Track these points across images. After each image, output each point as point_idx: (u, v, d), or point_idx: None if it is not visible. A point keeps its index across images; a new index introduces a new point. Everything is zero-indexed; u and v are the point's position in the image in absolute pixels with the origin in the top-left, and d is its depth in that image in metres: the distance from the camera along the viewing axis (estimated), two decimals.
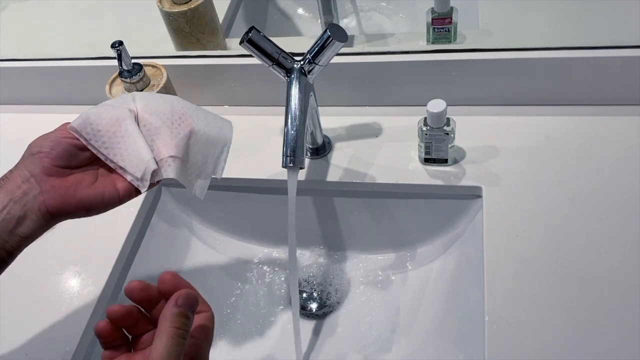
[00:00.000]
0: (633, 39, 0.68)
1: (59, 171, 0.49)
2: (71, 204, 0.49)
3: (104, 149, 0.51)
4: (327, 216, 0.78)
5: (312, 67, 0.62)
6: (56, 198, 0.49)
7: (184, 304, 0.41)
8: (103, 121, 0.50)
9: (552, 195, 0.65)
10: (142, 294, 0.44)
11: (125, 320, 0.44)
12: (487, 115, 0.75)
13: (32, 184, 0.48)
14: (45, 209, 0.48)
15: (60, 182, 0.49)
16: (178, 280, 0.45)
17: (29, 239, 0.49)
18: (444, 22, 0.72)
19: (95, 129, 0.50)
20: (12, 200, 0.47)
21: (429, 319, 0.70)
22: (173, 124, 0.52)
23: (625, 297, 0.56)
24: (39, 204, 0.48)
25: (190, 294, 0.42)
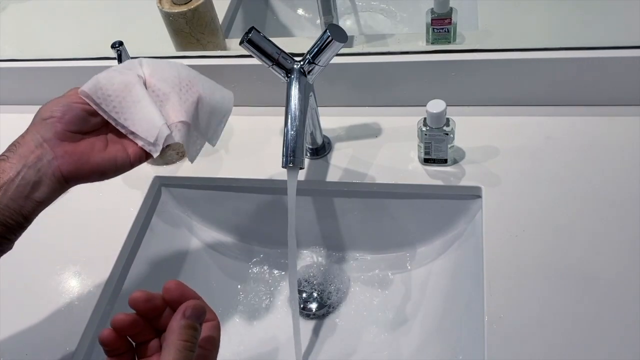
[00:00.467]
0: (633, 39, 0.68)
1: (71, 136, 0.50)
2: (86, 169, 0.50)
3: (114, 113, 0.51)
4: (327, 216, 0.79)
5: (312, 67, 0.62)
6: (71, 163, 0.49)
7: (192, 315, 0.41)
8: (113, 86, 0.51)
9: (551, 196, 0.65)
10: (147, 304, 0.43)
11: (130, 329, 0.43)
12: (486, 116, 0.75)
13: (45, 149, 0.48)
14: (59, 173, 0.49)
15: (74, 147, 0.50)
16: (183, 289, 0.44)
17: (44, 204, 0.49)
18: (444, 22, 0.72)
19: (105, 93, 0.51)
20: (26, 166, 0.48)
21: (428, 319, 0.70)
22: (181, 90, 0.53)
23: (625, 297, 0.56)
24: (53, 169, 0.48)
25: (198, 305, 0.42)
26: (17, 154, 0.48)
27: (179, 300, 0.42)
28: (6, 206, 0.47)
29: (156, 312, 0.44)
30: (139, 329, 0.44)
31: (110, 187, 0.77)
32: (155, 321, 0.45)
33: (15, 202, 0.47)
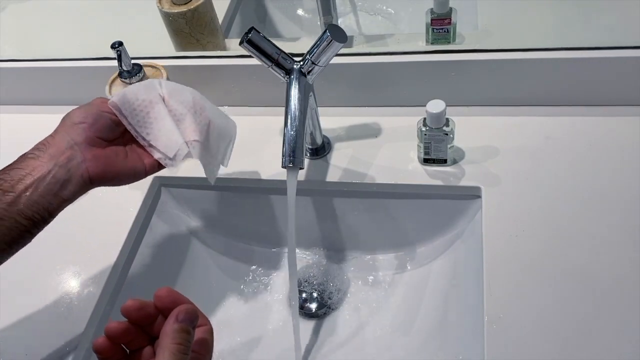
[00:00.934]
0: (632, 39, 0.68)
1: (99, 142, 0.54)
2: (110, 173, 0.54)
3: (138, 126, 0.56)
4: (327, 216, 0.79)
5: (312, 67, 0.62)
6: (98, 167, 0.53)
7: (185, 319, 0.41)
8: (138, 101, 0.56)
9: (551, 196, 0.65)
10: (140, 313, 0.44)
11: (124, 337, 0.44)
12: (486, 116, 0.75)
13: (75, 151, 0.52)
14: (87, 175, 0.53)
15: (101, 152, 0.54)
16: (175, 295, 0.45)
17: (68, 201, 0.52)
18: (443, 22, 0.72)
19: (131, 107, 0.56)
20: (57, 165, 0.51)
21: (428, 319, 0.70)
22: (195, 113, 0.59)
23: (625, 296, 0.56)
24: (82, 170, 0.52)
25: (190, 309, 0.42)
26: (47, 154, 0.51)
27: (170, 307, 0.43)
28: (35, 202, 0.50)
29: (149, 319, 0.45)
30: (132, 337, 0.44)
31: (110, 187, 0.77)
32: (148, 328, 0.45)
33: (44, 198, 0.50)
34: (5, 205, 0.48)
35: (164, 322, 0.42)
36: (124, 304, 0.43)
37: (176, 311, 0.41)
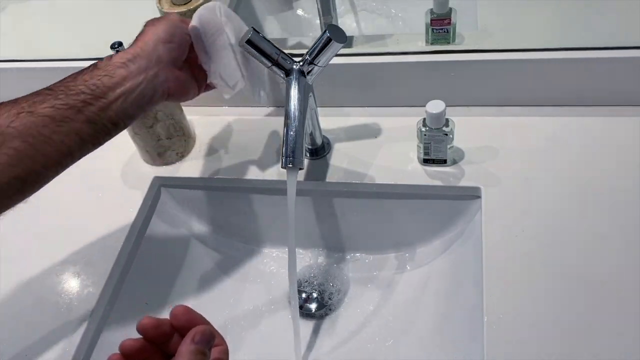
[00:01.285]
0: (632, 39, 0.68)
1: (178, 63, 0.58)
2: (182, 93, 0.59)
3: (206, 52, 0.60)
4: (327, 217, 0.79)
5: (312, 68, 0.62)
6: (177, 87, 0.58)
7: (201, 340, 0.41)
8: (210, 30, 0.60)
9: (551, 196, 0.65)
10: (156, 331, 0.43)
11: (139, 354, 0.43)
12: (486, 116, 0.75)
13: (162, 69, 0.55)
14: (167, 93, 0.57)
15: (179, 74, 0.58)
16: (191, 314, 0.44)
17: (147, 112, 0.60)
18: (443, 23, 0.72)
19: (205, 33, 0.59)
20: (146, 80, 0.54)
21: (428, 319, 0.70)
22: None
23: (625, 296, 0.56)
24: (164, 88, 0.56)
25: (207, 330, 0.42)
26: (136, 66, 0.54)
27: (187, 326, 0.42)
28: (123, 110, 0.53)
29: (164, 337, 0.44)
30: (148, 354, 0.44)
31: (110, 187, 0.77)
32: (163, 346, 0.44)
33: (130, 108, 0.54)
34: (97, 110, 0.51)
35: (179, 340, 0.42)
36: (141, 321, 0.43)
37: (193, 332, 0.41)
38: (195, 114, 0.84)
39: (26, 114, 0.48)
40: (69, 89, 0.51)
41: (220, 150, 0.80)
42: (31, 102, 0.49)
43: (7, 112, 0.48)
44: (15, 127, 0.48)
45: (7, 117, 0.48)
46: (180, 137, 0.78)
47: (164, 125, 0.75)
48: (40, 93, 0.50)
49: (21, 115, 0.48)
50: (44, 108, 0.49)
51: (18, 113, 0.48)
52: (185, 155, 0.80)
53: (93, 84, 0.52)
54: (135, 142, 0.77)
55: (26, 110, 0.48)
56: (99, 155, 0.81)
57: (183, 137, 0.79)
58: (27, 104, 0.49)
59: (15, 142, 0.47)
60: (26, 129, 0.48)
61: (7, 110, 0.49)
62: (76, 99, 0.51)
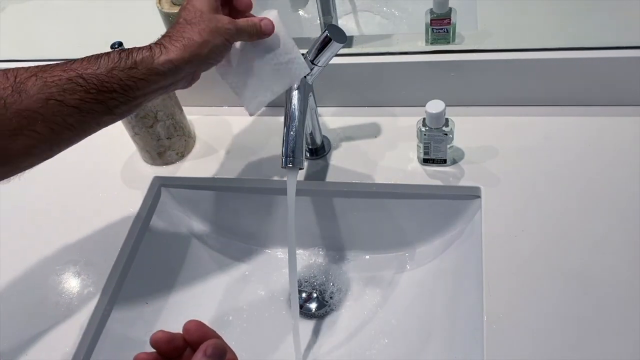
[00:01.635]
0: (631, 39, 0.68)
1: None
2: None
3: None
4: (327, 216, 0.79)
5: (312, 67, 0.62)
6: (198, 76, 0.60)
7: (213, 354, 0.41)
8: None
9: (550, 196, 0.65)
10: (169, 345, 0.44)
11: None
12: (485, 116, 0.75)
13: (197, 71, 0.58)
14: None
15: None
16: (204, 329, 0.44)
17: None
18: (443, 22, 0.72)
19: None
20: (178, 83, 0.56)
21: (428, 318, 0.70)
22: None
23: (624, 296, 0.56)
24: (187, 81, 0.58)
25: (219, 343, 0.42)
26: (176, 75, 0.54)
27: (199, 341, 0.43)
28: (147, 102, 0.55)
29: (177, 352, 0.44)
30: None
31: (110, 187, 0.77)
32: None
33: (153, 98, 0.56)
34: (125, 107, 0.53)
35: (191, 354, 0.42)
36: (154, 334, 0.43)
37: (204, 345, 0.41)
38: (196, 113, 0.84)
39: (55, 102, 0.49)
40: (102, 85, 0.50)
41: (220, 150, 0.80)
42: (61, 89, 0.49)
43: (38, 92, 0.48)
44: (43, 113, 0.48)
45: (37, 100, 0.48)
46: (181, 136, 0.78)
47: (164, 125, 0.75)
48: (72, 80, 0.50)
49: (50, 103, 0.48)
50: (74, 99, 0.49)
51: (47, 99, 0.48)
52: (185, 155, 0.80)
53: (127, 86, 0.51)
54: (136, 142, 0.77)
55: (55, 98, 0.49)
56: (99, 155, 0.82)
57: (183, 137, 0.79)
58: (57, 91, 0.49)
59: (40, 126, 0.48)
60: (53, 116, 0.49)
61: (38, 91, 0.48)
62: (108, 96, 0.51)
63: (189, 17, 0.55)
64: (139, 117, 0.73)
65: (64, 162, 0.82)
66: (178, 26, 0.54)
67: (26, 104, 0.48)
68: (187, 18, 0.55)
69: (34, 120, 0.48)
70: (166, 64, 0.52)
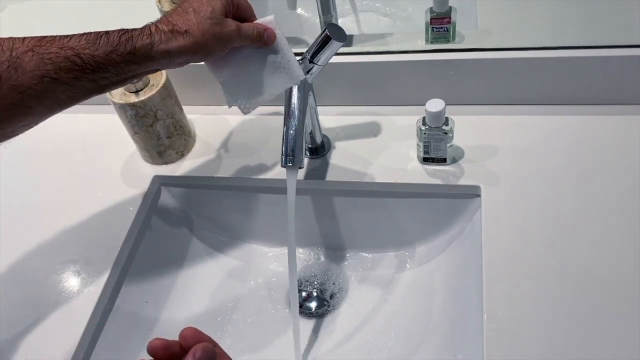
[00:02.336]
0: (631, 38, 0.68)
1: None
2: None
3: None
4: (327, 216, 0.79)
5: (311, 66, 0.62)
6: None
7: (202, 356, 0.41)
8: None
9: (550, 195, 0.65)
10: (165, 352, 0.44)
11: None
12: (485, 115, 0.75)
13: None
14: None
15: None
16: (200, 336, 0.44)
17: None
18: (443, 21, 0.72)
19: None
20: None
21: (427, 317, 0.70)
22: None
23: (624, 295, 0.56)
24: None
25: (208, 346, 0.42)
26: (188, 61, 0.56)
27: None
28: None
29: (174, 358, 0.44)
30: None
31: (110, 186, 0.78)
32: None
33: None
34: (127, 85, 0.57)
35: None
36: (151, 342, 0.43)
37: (193, 350, 0.41)
38: (195, 112, 0.84)
39: (50, 80, 0.49)
40: (97, 66, 0.50)
41: (220, 149, 0.80)
42: (57, 67, 0.49)
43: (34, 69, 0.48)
44: (37, 89, 0.48)
45: (32, 77, 0.48)
46: (180, 136, 0.78)
47: (164, 124, 0.75)
48: (69, 59, 0.49)
49: (45, 80, 0.49)
50: (69, 77, 0.50)
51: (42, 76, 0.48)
52: (185, 154, 0.80)
53: (122, 69, 0.52)
54: (135, 141, 0.77)
55: (51, 76, 0.49)
56: (99, 154, 0.82)
57: (183, 136, 0.79)
58: (53, 69, 0.49)
59: (32, 102, 0.49)
60: (45, 92, 0.49)
61: (34, 67, 0.48)
62: (101, 76, 0.51)
63: (199, 9, 0.54)
64: (139, 116, 0.73)
65: (65, 161, 0.83)
66: (185, 15, 0.54)
67: (21, 80, 0.48)
68: (196, 9, 0.54)
69: (28, 96, 0.48)
70: (163, 54, 0.52)
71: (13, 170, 0.83)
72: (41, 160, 0.84)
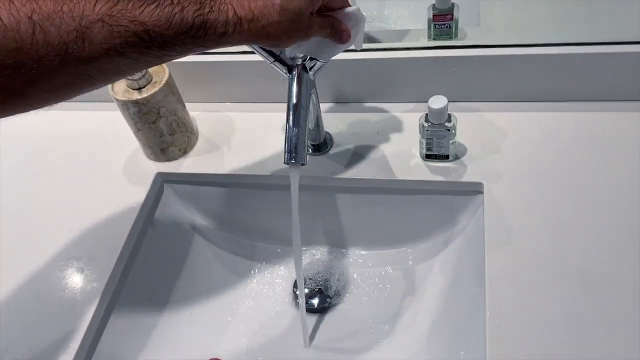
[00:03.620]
0: (633, 35, 0.68)
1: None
2: None
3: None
4: (329, 212, 0.79)
5: (314, 63, 0.62)
6: None
7: None
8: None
9: (552, 191, 0.65)
10: None
11: None
12: (488, 112, 0.75)
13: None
14: None
15: None
16: None
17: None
18: (445, 18, 0.72)
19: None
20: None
21: (430, 314, 0.71)
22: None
23: (627, 292, 0.56)
24: None
25: None
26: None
27: None
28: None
29: None
30: None
31: (113, 183, 0.78)
32: None
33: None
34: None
35: None
36: None
37: None
38: (198, 110, 0.84)
39: (116, 53, 0.46)
40: (165, 45, 0.47)
41: (223, 146, 0.80)
42: (124, 42, 0.46)
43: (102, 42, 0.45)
44: (102, 62, 0.46)
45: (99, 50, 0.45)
46: (183, 133, 0.78)
47: (167, 122, 0.75)
48: (138, 35, 0.46)
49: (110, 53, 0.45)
50: (134, 52, 0.46)
51: (108, 50, 0.45)
52: (188, 151, 0.80)
53: (187, 49, 0.48)
54: (138, 138, 0.77)
55: (117, 50, 0.45)
56: (102, 151, 0.82)
57: (186, 133, 0.79)
58: (120, 43, 0.45)
59: (94, 73, 0.46)
60: (109, 65, 0.46)
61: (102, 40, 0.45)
62: (166, 53, 0.48)
63: (286, 4, 0.49)
64: (142, 113, 0.73)
65: (68, 158, 0.83)
66: (270, 8, 0.49)
67: (88, 52, 0.45)
68: (283, 4, 0.49)
69: (92, 67, 0.46)
70: (233, 43, 0.50)
71: (16, 167, 0.84)
72: (44, 157, 0.84)
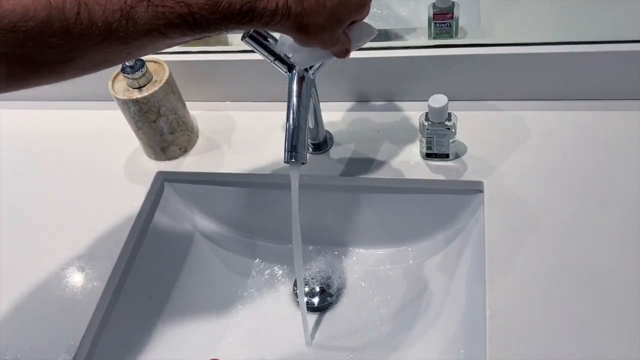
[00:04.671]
0: (633, 33, 0.68)
1: None
2: None
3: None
4: (329, 211, 0.79)
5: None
6: None
7: None
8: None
9: (553, 190, 0.65)
10: None
11: None
12: (488, 110, 0.75)
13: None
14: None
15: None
16: None
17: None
18: (446, 17, 0.72)
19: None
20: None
21: (430, 313, 0.71)
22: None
23: (627, 291, 0.56)
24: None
25: None
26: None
27: None
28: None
29: None
30: None
31: (113, 182, 0.78)
32: None
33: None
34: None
35: None
36: None
37: None
38: (198, 109, 0.84)
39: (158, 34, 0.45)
40: (208, 28, 0.47)
41: (223, 145, 0.80)
42: (168, 23, 0.44)
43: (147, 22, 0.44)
44: (144, 42, 0.45)
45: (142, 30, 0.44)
46: (184, 131, 0.78)
47: (167, 120, 0.75)
48: (182, 16, 0.45)
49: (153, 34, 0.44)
50: (176, 34, 0.45)
51: (151, 30, 0.44)
52: (188, 150, 0.80)
53: (228, 30, 0.48)
54: (139, 137, 0.77)
55: (160, 31, 0.44)
56: (102, 150, 0.82)
57: (186, 132, 0.79)
58: (164, 24, 0.44)
59: (133, 51, 0.45)
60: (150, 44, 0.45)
61: (147, 20, 0.44)
62: (206, 35, 0.47)
63: (338, 13, 0.49)
64: (142, 112, 0.73)
65: (68, 157, 0.83)
66: (321, 8, 0.48)
67: (131, 33, 0.44)
68: (333, 10, 0.48)
69: (133, 46, 0.45)
70: (271, 29, 0.48)
71: (17, 166, 0.84)
72: (45, 156, 0.84)
